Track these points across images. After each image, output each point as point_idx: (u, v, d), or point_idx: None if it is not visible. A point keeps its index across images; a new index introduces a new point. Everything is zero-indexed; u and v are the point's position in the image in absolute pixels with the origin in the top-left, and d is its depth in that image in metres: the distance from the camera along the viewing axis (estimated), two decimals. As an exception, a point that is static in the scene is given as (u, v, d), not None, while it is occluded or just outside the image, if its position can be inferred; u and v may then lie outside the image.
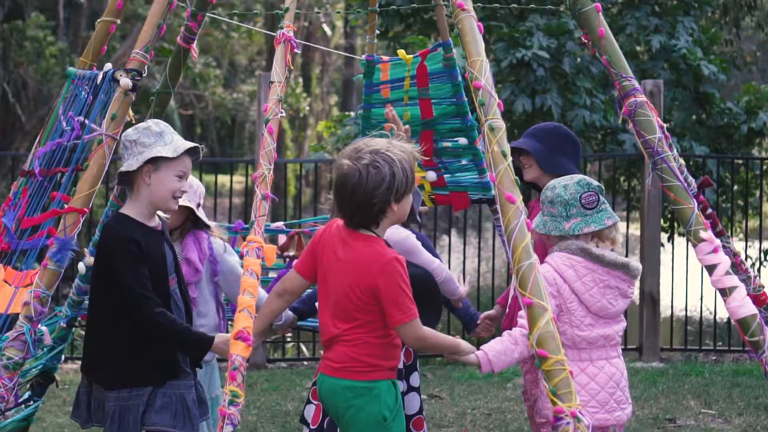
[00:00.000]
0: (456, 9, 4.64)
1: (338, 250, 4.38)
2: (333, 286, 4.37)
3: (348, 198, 4.28)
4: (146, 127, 4.72)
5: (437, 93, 6.89)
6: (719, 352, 11.15)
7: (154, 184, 4.70)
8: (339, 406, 4.37)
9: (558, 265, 4.86)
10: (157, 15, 5.13)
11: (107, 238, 4.74)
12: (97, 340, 4.78)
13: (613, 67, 5.13)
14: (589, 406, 4.83)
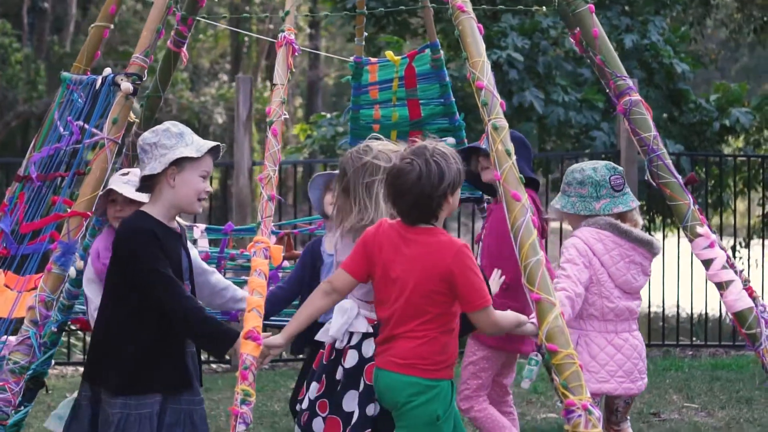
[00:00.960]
0: (456, 11, 4.71)
1: (401, 247, 4.41)
2: (399, 282, 4.38)
3: (407, 194, 4.33)
4: (165, 129, 4.65)
5: (425, 94, 6.96)
6: (696, 347, 11.29)
7: (179, 185, 4.61)
8: (399, 400, 4.39)
9: (587, 238, 5.13)
10: (156, 20, 5.17)
11: (126, 231, 4.60)
12: (107, 344, 4.63)
13: (607, 66, 5.22)
14: (617, 376, 5.14)
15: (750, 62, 40.18)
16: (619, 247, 5.14)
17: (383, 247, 4.43)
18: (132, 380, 4.56)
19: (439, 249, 4.33)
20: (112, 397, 4.56)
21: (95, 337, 4.75)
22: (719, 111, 12.95)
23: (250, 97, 10.68)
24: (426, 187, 4.26)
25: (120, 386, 4.55)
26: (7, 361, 4.75)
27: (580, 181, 5.24)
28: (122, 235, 4.61)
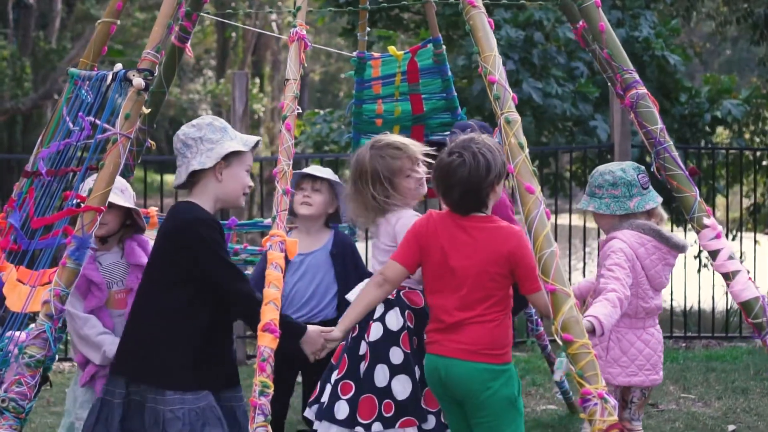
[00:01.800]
0: (467, 6, 4.74)
1: (457, 236, 4.63)
2: (462, 269, 4.59)
3: (457, 186, 4.59)
4: (209, 123, 4.67)
5: (427, 88, 7.03)
6: (689, 338, 11.37)
7: (227, 179, 4.64)
8: (473, 389, 4.56)
9: (632, 242, 5.38)
10: (166, 15, 5.18)
11: (190, 221, 4.54)
12: (157, 339, 4.57)
13: (614, 60, 5.27)
14: (645, 369, 5.45)
15: (733, 55, 40.39)
16: (658, 251, 5.44)
17: (438, 236, 4.64)
18: (188, 375, 4.52)
19: (501, 234, 4.62)
20: (163, 395, 4.51)
21: (138, 333, 4.66)
22: (710, 103, 13.05)
23: (246, 93, 10.70)
24: (474, 179, 4.53)
25: (176, 382, 4.50)
26: (22, 354, 4.77)
27: (612, 183, 5.49)
28: (185, 224, 4.54)
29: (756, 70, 34.42)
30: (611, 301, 5.07)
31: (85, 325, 5.13)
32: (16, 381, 4.74)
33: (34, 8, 26.82)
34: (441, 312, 4.62)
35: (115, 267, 5.29)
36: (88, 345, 5.14)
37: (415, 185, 5.31)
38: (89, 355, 5.16)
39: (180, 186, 4.73)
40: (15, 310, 5.14)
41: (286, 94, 4.76)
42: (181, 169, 4.69)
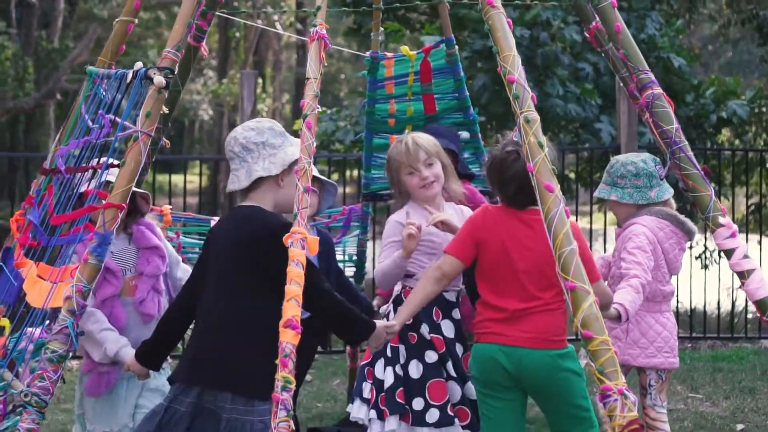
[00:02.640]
0: (486, 6, 4.78)
1: (518, 228, 4.90)
2: (526, 260, 4.84)
3: (513, 181, 4.87)
4: (269, 127, 4.66)
5: (440, 88, 7.07)
6: (694, 339, 11.42)
7: (287, 185, 4.63)
8: (550, 375, 4.80)
9: (653, 227, 5.64)
10: (187, 14, 5.21)
11: (274, 226, 4.48)
12: (239, 348, 4.49)
13: (630, 60, 5.31)
14: (664, 351, 5.68)
15: (734, 57, 40.47)
16: (675, 235, 5.74)
17: (497, 229, 4.87)
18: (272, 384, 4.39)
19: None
20: (252, 405, 4.45)
21: (218, 342, 4.53)
22: (715, 104, 13.11)
23: (255, 93, 10.75)
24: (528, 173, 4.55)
25: (264, 392, 4.33)
26: (45, 349, 4.82)
27: (635, 174, 5.77)
28: (270, 230, 4.46)
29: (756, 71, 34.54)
30: (635, 287, 5.30)
31: (89, 319, 5.11)
32: (38, 376, 4.77)
33: (36, 7, 26.86)
34: (500, 302, 4.72)
35: (126, 253, 5.34)
36: (89, 340, 5.16)
37: (419, 183, 5.52)
38: (89, 350, 5.20)
39: (244, 191, 4.65)
40: (36, 305, 5.17)
41: (306, 93, 4.77)
42: (239, 173, 4.61)
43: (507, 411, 4.94)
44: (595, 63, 13.04)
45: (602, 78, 12.98)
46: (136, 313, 5.28)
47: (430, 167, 5.53)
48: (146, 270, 5.23)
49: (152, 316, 5.19)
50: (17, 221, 5.94)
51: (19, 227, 5.86)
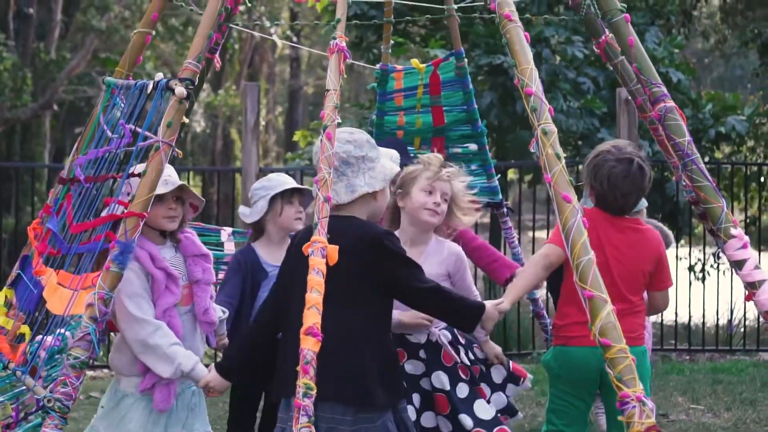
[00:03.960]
0: (503, 20, 4.87)
1: (613, 234, 5.23)
2: (619, 265, 5.18)
3: (640, 191, 5.28)
4: (367, 140, 4.67)
5: (449, 101, 7.17)
6: (693, 351, 11.51)
7: (381, 199, 4.68)
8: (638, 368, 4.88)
9: None
10: (208, 26, 5.29)
11: (381, 235, 4.52)
12: (351, 355, 4.48)
13: (643, 74, 5.40)
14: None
15: (725, 72, 40.69)
16: None
17: (596, 231, 5.06)
18: (391, 392, 4.51)
19: (651, 236, 5.33)
20: (362, 414, 4.47)
21: (348, 356, 4.49)
22: (714, 119, 13.23)
23: (258, 104, 10.82)
24: (647, 184, 5.25)
25: (382, 400, 4.44)
26: (67, 356, 4.88)
27: None
28: (378, 238, 4.48)
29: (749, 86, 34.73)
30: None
31: (156, 332, 4.88)
32: (61, 382, 4.84)
33: (33, 18, 26.89)
34: None
35: (177, 261, 5.19)
36: (156, 355, 4.88)
37: (427, 204, 5.53)
38: (155, 366, 4.90)
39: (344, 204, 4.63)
40: (56, 312, 5.23)
41: (326, 104, 4.85)
42: (337, 187, 4.59)
43: (583, 410, 5.35)
44: (594, 77, 13.15)
45: (601, 92, 13.09)
46: (189, 323, 5.13)
47: (445, 202, 5.53)
48: (202, 278, 5.09)
49: (214, 325, 5.10)
50: (35, 230, 6.00)
51: (36, 236, 5.93)
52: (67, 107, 28.54)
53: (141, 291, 4.89)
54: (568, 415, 5.30)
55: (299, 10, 31.92)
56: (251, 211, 6.03)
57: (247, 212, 6.08)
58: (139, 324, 4.86)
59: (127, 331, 4.89)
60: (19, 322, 5.72)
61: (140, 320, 4.86)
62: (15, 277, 6.04)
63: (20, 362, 5.40)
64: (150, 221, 4.96)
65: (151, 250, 4.97)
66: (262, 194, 5.97)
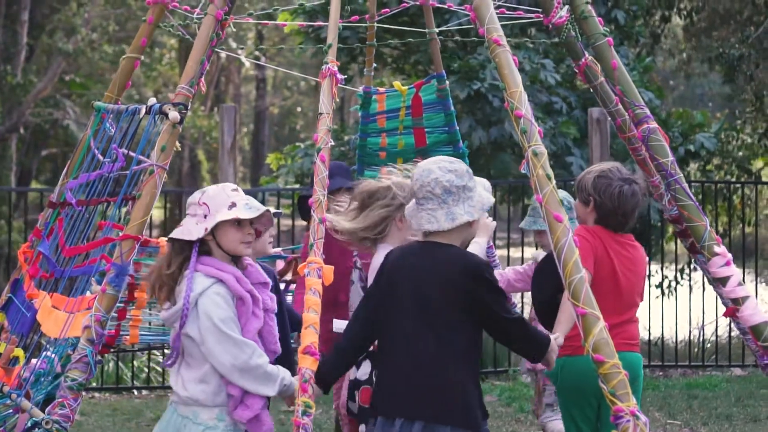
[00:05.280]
0: (492, 44, 4.97)
1: (619, 250, 5.50)
2: (625, 279, 5.47)
3: (637, 209, 5.58)
4: (466, 170, 4.69)
5: (431, 122, 7.28)
6: (666, 367, 11.65)
7: (474, 229, 4.79)
8: (638, 372, 5.45)
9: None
10: (200, 52, 5.39)
11: (478, 263, 4.59)
12: (456, 380, 4.54)
13: (626, 96, 5.53)
14: None
15: (687, 91, 41.16)
16: None
17: (606, 249, 5.41)
18: (480, 413, 4.58)
19: (641, 250, 5.65)
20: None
21: (432, 375, 4.54)
22: (682, 137, 13.44)
23: (235, 126, 10.88)
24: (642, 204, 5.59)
25: (477, 422, 4.54)
26: (65, 378, 4.93)
27: (568, 207, 6.10)
28: (479, 268, 4.55)
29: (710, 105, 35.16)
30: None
31: (255, 353, 4.63)
32: (59, 404, 4.88)
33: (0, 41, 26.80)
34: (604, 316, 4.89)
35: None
36: (256, 375, 4.63)
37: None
38: (257, 388, 4.64)
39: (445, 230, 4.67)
40: (52, 335, 5.29)
41: (319, 128, 4.95)
42: (437, 214, 4.62)
43: (593, 417, 5.50)
44: (565, 97, 13.32)
45: (573, 112, 13.26)
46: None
47: None
48: (271, 306, 4.89)
49: (276, 354, 4.87)
50: (25, 253, 6.05)
51: (27, 259, 5.98)
52: (32, 130, 28.44)
53: (231, 314, 4.65)
54: (581, 428, 5.51)
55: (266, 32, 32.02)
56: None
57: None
58: (238, 347, 4.58)
59: (221, 356, 4.56)
60: (12, 345, 5.77)
61: (239, 343, 4.59)
62: (6, 301, 6.09)
63: (15, 385, 5.44)
64: (226, 246, 4.72)
65: (235, 272, 4.72)
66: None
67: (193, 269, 4.62)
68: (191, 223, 4.68)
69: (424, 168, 4.68)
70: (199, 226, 4.65)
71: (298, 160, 13.54)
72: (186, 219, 4.72)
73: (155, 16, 5.97)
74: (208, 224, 4.64)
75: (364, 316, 4.80)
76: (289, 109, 47.20)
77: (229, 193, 4.74)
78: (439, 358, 4.50)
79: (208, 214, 4.67)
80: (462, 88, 12.23)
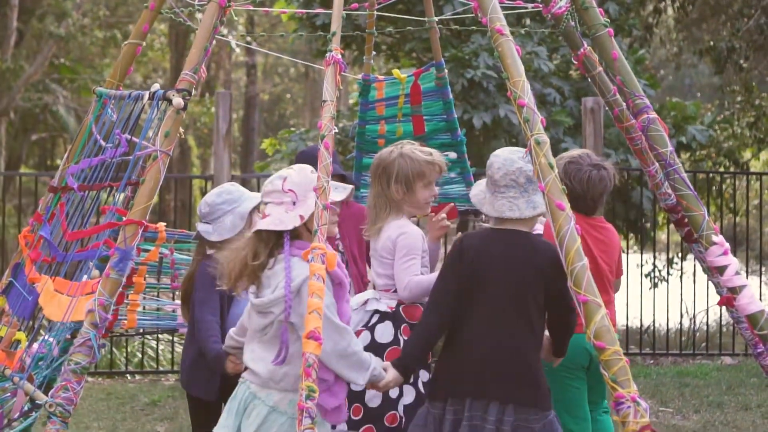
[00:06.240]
0: (495, 34, 4.99)
1: (593, 233, 5.66)
2: (603, 262, 5.65)
3: (607, 193, 5.75)
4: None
5: (429, 110, 7.30)
6: (657, 355, 11.73)
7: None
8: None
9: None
10: (204, 39, 5.41)
11: (556, 254, 4.63)
12: (533, 363, 4.76)
13: (626, 86, 5.56)
14: None
15: (676, 81, 41.22)
16: None
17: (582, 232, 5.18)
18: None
19: (614, 231, 5.86)
20: (545, 416, 4.74)
21: (514, 358, 4.76)
22: (675, 128, 13.48)
23: (230, 113, 10.90)
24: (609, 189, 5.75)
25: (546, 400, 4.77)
26: (68, 361, 4.96)
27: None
28: (558, 257, 4.60)
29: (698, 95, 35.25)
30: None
31: (353, 340, 4.64)
32: (62, 387, 4.91)
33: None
34: None
35: None
36: (351, 362, 4.65)
37: (429, 197, 5.60)
38: (349, 375, 4.66)
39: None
40: (55, 319, 5.32)
41: (323, 115, 4.96)
42: (518, 202, 4.86)
43: (583, 390, 5.72)
44: (559, 87, 13.36)
45: (567, 101, 13.30)
46: None
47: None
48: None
49: None
50: (25, 237, 6.08)
51: (27, 243, 6.00)
52: (21, 114, 28.38)
53: (333, 300, 4.63)
54: (572, 399, 5.67)
55: (257, 18, 31.96)
56: (218, 228, 5.50)
57: (210, 229, 5.52)
58: (339, 333, 4.58)
59: (323, 341, 4.45)
60: (14, 329, 5.80)
61: (340, 329, 4.60)
62: (6, 285, 6.12)
63: (17, 368, 5.48)
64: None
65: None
66: (226, 209, 5.51)
67: (290, 256, 4.61)
68: (279, 212, 4.66)
69: (505, 157, 4.89)
70: (290, 214, 4.65)
71: (293, 144, 13.55)
72: (270, 208, 4.69)
73: (157, 2, 5.98)
74: (303, 212, 4.65)
75: (445, 302, 4.90)
76: (279, 96, 47.11)
77: (312, 177, 4.74)
78: (524, 343, 4.75)
79: (297, 200, 4.67)
80: (456, 77, 12.26)
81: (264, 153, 16.99)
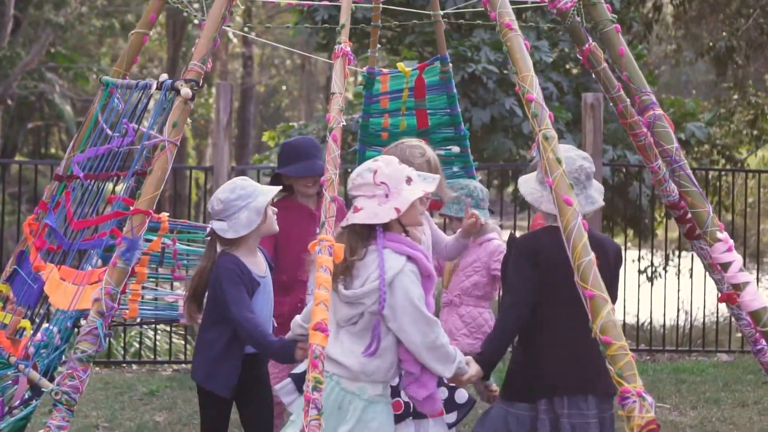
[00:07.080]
0: (504, 28, 5.02)
1: None
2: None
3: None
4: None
5: (433, 104, 7.32)
6: (653, 352, 11.76)
7: None
8: None
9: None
10: (212, 29, 5.41)
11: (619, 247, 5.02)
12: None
13: (632, 82, 5.58)
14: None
15: (672, 78, 41.26)
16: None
17: None
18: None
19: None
20: (611, 404, 5.04)
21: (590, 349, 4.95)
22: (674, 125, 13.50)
23: (231, 104, 10.90)
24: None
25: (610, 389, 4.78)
26: (75, 349, 4.97)
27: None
28: (618, 247, 4.90)
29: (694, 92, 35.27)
30: None
31: (441, 332, 4.66)
32: (68, 375, 4.92)
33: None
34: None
35: None
36: (439, 355, 4.68)
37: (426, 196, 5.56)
38: (437, 367, 4.69)
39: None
40: (61, 307, 5.32)
41: (332, 107, 4.97)
42: (579, 199, 4.92)
43: None
44: (557, 82, 13.37)
45: (566, 97, 13.32)
46: None
47: None
48: None
49: None
50: (30, 225, 6.08)
51: (32, 231, 6.00)
52: (18, 102, 28.36)
53: (422, 292, 4.64)
54: None
55: (254, 9, 31.94)
56: (233, 224, 5.41)
57: (225, 226, 5.42)
58: (429, 325, 4.60)
59: (413, 334, 4.57)
60: (18, 316, 5.80)
61: (430, 321, 4.61)
62: (11, 273, 6.12)
63: (21, 356, 5.48)
64: (410, 220, 4.75)
65: (422, 250, 4.73)
66: (240, 204, 5.41)
67: (383, 248, 4.63)
68: (372, 205, 4.68)
69: (565, 156, 4.87)
70: (384, 207, 4.66)
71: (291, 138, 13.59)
72: (362, 201, 4.71)
73: (165, -9, 5.99)
74: (398, 204, 4.66)
75: (525, 300, 4.99)
76: (275, 88, 47.14)
77: (402, 168, 4.76)
78: (590, 336, 4.63)
79: (390, 193, 4.68)
80: (456, 72, 12.28)
81: (258, 145, 17.04)
